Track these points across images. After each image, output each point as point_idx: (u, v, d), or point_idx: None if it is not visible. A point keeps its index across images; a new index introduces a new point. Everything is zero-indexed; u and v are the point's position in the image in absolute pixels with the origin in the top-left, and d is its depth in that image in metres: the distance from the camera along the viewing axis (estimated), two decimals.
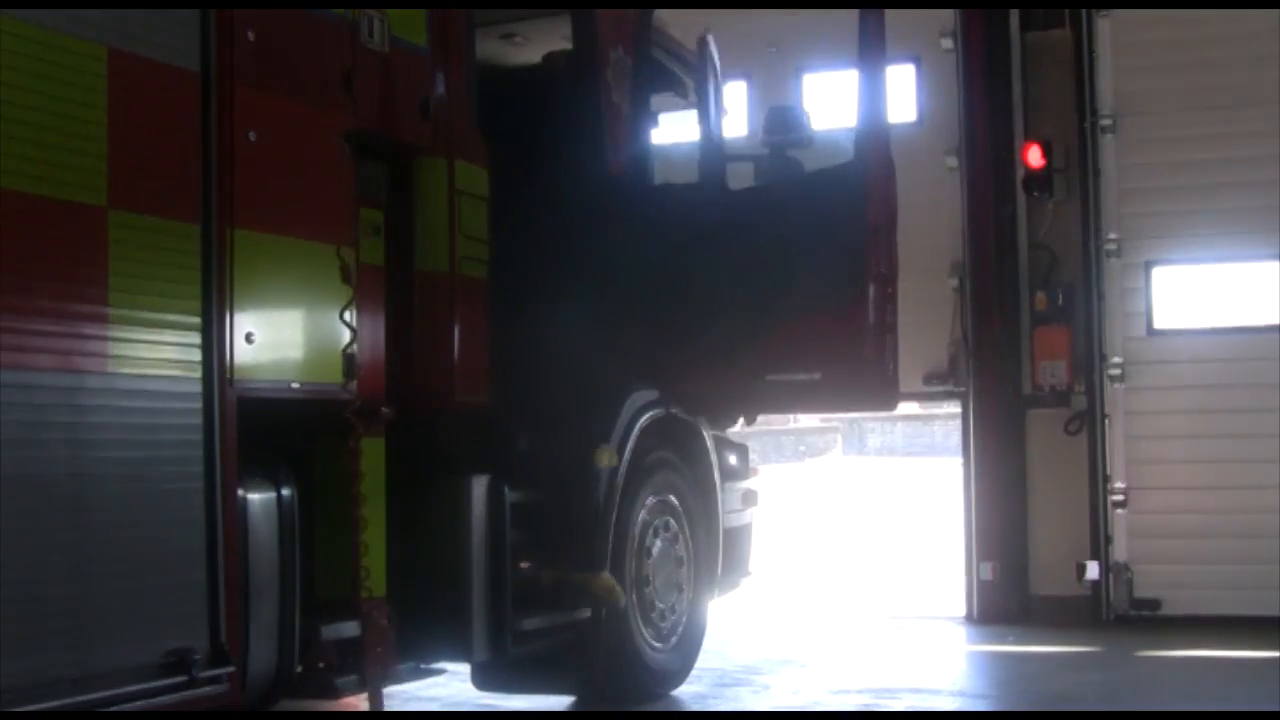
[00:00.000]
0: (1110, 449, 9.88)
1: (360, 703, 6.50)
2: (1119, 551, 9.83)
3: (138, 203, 4.39)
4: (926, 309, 10.57)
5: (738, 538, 8.15)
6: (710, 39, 7.81)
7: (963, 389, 10.62)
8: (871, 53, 6.78)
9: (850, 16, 6.95)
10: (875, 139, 6.77)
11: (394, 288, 5.56)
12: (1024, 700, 7.68)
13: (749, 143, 9.15)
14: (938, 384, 10.81)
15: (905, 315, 11.14)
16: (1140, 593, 9.78)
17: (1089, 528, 9.91)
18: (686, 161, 7.85)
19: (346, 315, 5.18)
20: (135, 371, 4.35)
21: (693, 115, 7.98)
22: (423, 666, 5.88)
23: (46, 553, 4.10)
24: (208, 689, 4.50)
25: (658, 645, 7.11)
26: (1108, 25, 9.99)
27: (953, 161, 10.56)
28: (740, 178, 7.73)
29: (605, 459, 6.55)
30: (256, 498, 4.87)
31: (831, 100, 10.77)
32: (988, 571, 10.18)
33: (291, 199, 5.02)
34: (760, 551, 8.67)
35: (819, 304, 6.77)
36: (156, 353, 4.43)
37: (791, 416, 58.08)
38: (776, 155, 7.61)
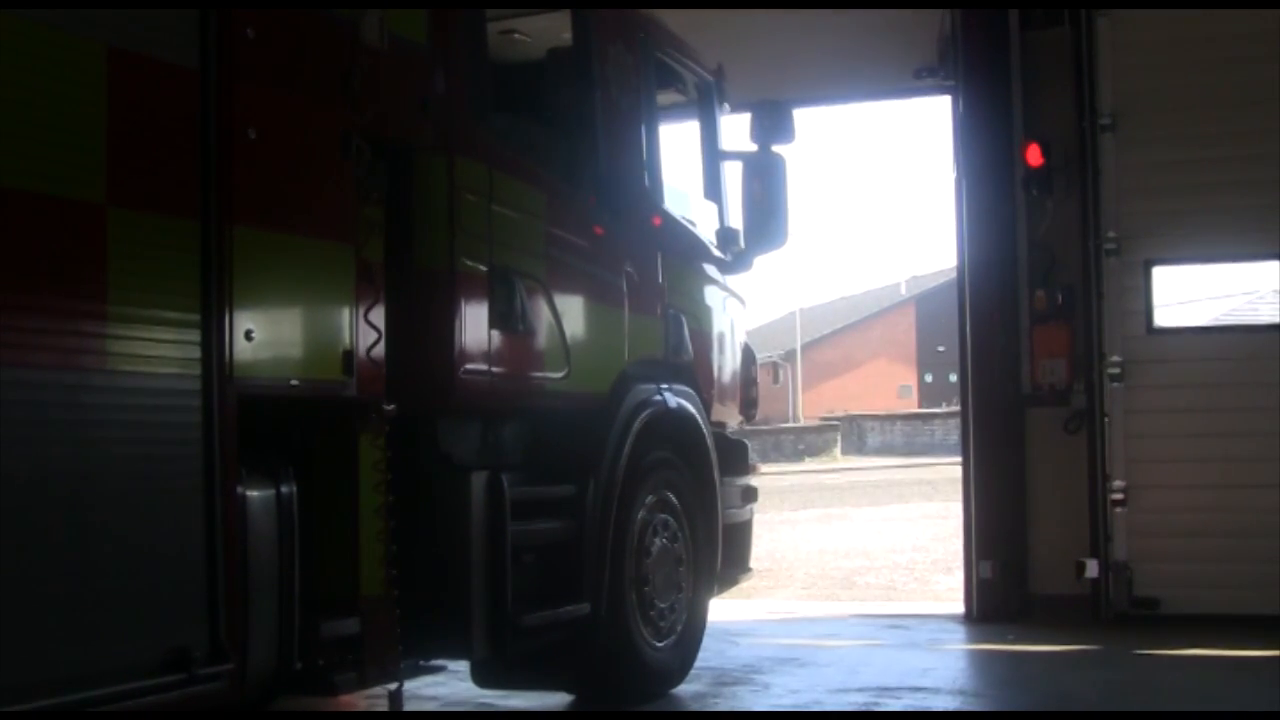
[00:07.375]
0: (1109, 448, 9.89)
1: (360, 701, 6.51)
2: (1118, 550, 9.83)
3: (137, 200, 4.37)
4: None
5: (737, 535, 8.15)
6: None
7: (951, 82, 10.44)
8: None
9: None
10: None
11: (394, 285, 5.55)
12: (1024, 699, 7.69)
13: None
14: (928, 77, 10.63)
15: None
16: (1139, 591, 9.79)
17: (1088, 526, 9.92)
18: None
19: (371, 316, 5.22)
20: (134, 369, 4.33)
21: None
22: (422, 664, 5.87)
23: (45, 550, 4.08)
24: (207, 686, 4.49)
25: (657, 644, 7.10)
26: (1107, 24, 9.99)
27: None
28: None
29: None
30: (256, 495, 4.85)
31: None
32: (987, 570, 10.18)
33: (291, 196, 5.01)
34: (760, 549, 8.67)
35: None
36: (156, 350, 4.41)
37: (791, 416, 57.92)
38: (764, 151, 7.69)
